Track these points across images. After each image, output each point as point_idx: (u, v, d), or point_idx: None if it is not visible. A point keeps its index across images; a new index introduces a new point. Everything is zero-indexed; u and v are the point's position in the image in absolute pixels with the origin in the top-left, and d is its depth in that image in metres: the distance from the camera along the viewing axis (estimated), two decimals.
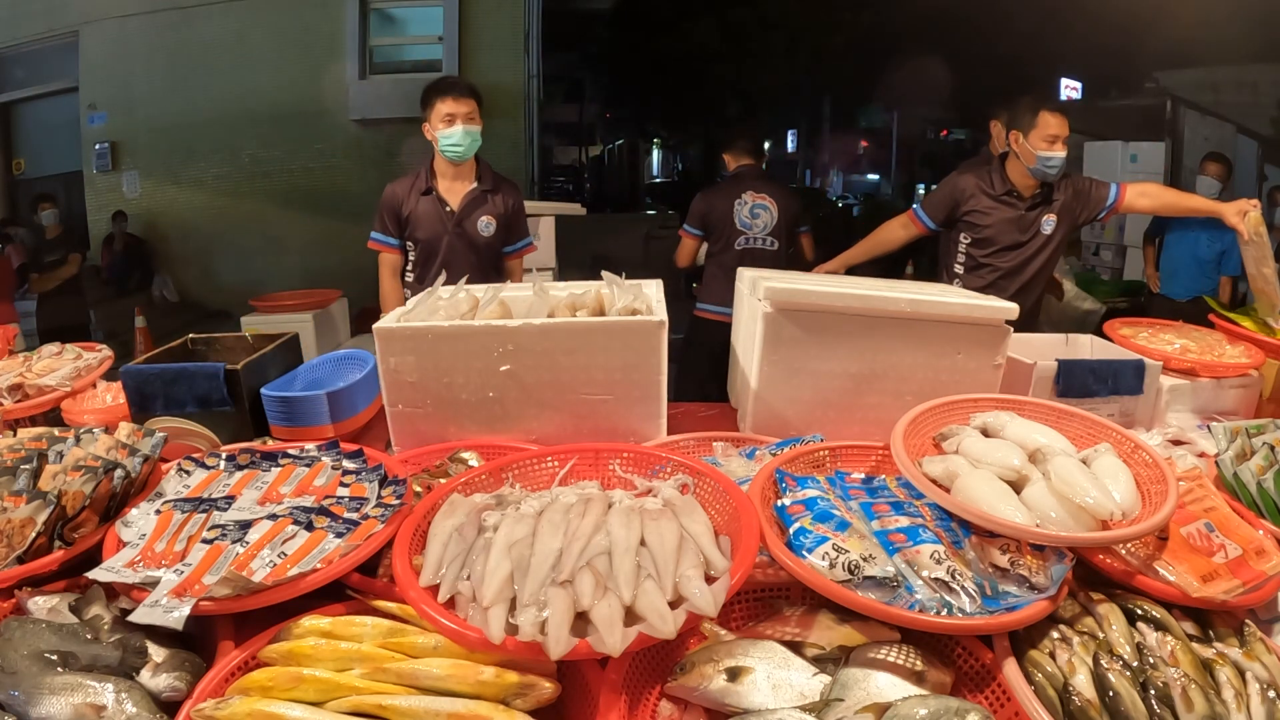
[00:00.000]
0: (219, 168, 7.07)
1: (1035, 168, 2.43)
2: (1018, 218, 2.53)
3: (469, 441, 1.52)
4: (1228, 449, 1.42)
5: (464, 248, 2.51)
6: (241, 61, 6.78)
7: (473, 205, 2.52)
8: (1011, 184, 2.53)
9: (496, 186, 2.58)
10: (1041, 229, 2.55)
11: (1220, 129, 6.66)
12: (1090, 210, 2.56)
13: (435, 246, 2.52)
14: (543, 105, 7.09)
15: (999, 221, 2.54)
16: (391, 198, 2.53)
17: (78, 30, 6.98)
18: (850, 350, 1.55)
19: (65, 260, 5.09)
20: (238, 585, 0.96)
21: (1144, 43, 6.57)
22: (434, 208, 2.51)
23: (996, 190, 2.54)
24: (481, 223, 2.52)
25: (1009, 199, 2.53)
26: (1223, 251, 4.37)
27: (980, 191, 2.56)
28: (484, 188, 2.55)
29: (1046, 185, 2.52)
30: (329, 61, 6.72)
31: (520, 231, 2.65)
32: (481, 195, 2.54)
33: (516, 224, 2.63)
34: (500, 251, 2.63)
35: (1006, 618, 0.94)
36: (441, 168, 2.52)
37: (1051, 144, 2.38)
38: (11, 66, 7.43)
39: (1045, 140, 2.38)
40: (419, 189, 2.53)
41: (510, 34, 6.80)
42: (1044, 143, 2.38)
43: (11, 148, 7.83)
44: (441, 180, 2.52)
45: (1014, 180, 2.53)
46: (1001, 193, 2.54)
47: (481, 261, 2.53)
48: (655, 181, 17.33)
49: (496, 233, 2.55)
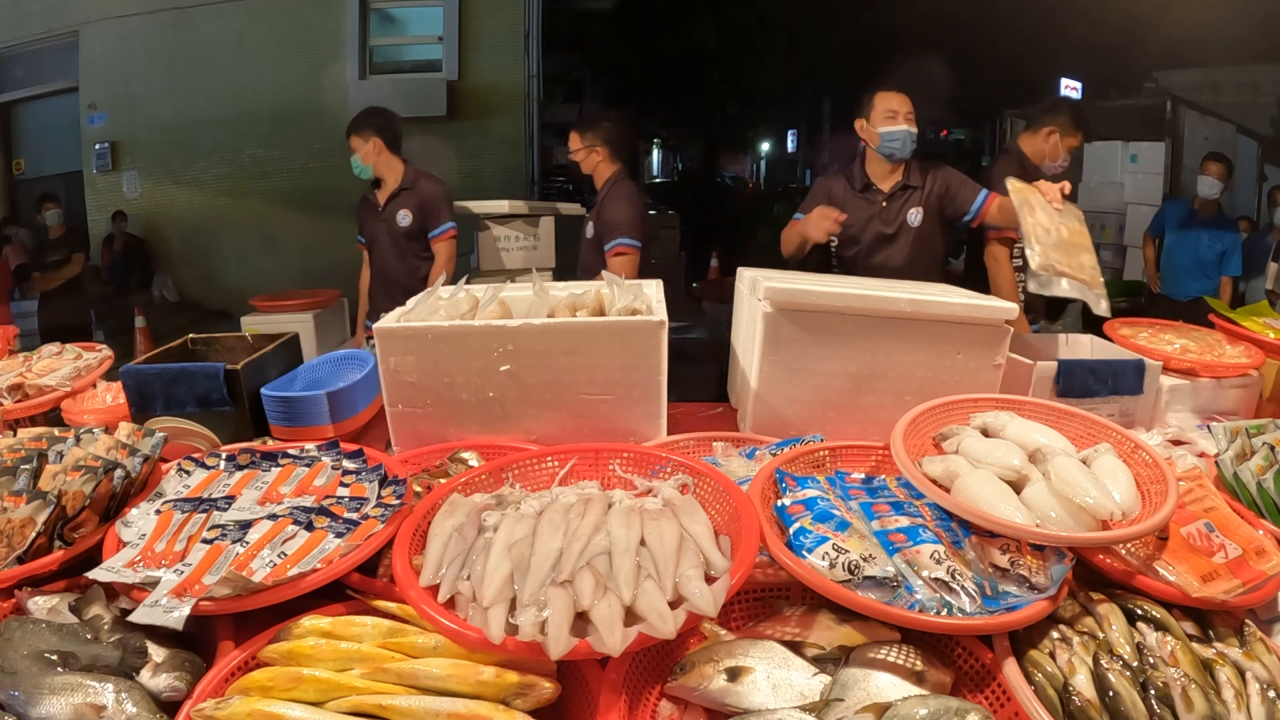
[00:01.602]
0: (219, 168, 7.06)
1: (880, 147, 2.38)
2: (878, 211, 2.47)
3: (469, 441, 1.52)
4: (1228, 449, 1.42)
5: (388, 239, 3.06)
6: (241, 61, 6.77)
7: (393, 203, 3.05)
8: (869, 178, 2.48)
9: (414, 184, 3.05)
10: (908, 221, 2.46)
11: (1220, 129, 6.66)
12: (955, 208, 2.48)
13: (374, 241, 3.13)
14: (543, 105, 7.08)
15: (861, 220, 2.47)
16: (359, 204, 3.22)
17: (78, 30, 6.97)
18: (850, 350, 1.55)
19: (68, 260, 5.11)
20: (238, 585, 0.96)
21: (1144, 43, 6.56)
22: (371, 209, 3.13)
23: (856, 186, 2.49)
24: (399, 215, 3.03)
25: (867, 194, 2.48)
26: (1223, 252, 4.38)
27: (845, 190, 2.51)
28: (404, 186, 3.05)
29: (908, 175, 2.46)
30: (329, 61, 6.71)
31: (438, 218, 3.05)
32: (400, 193, 3.05)
33: (432, 212, 3.04)
34: (424, 239, 3.07)
35: (1006, 618, 0.94)
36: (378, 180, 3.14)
37: (892, 119, 2.35)
38: (11, 66, 7.41)
39: (885, 117, 2.35)
40: (367, 194, 3.17)
41: (510, 34, 6.79)
42: (884, 120, 2.35)
43: (11, 148, 7.82)
44: (378, 188, 3.12)
45: (871, 173, 2.48)
46: (860, 188, 2.49)
47: (405, 249, 3.07)
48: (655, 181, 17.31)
49: (413, 222, 3.03)
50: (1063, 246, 1.82)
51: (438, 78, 6.73)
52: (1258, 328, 2.00)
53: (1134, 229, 6.30)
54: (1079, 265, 1.80)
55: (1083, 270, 1.79)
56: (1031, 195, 1.92)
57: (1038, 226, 1.83)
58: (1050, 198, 1.92)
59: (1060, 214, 1.90)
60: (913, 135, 2.38)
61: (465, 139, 6.72)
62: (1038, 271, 1.78)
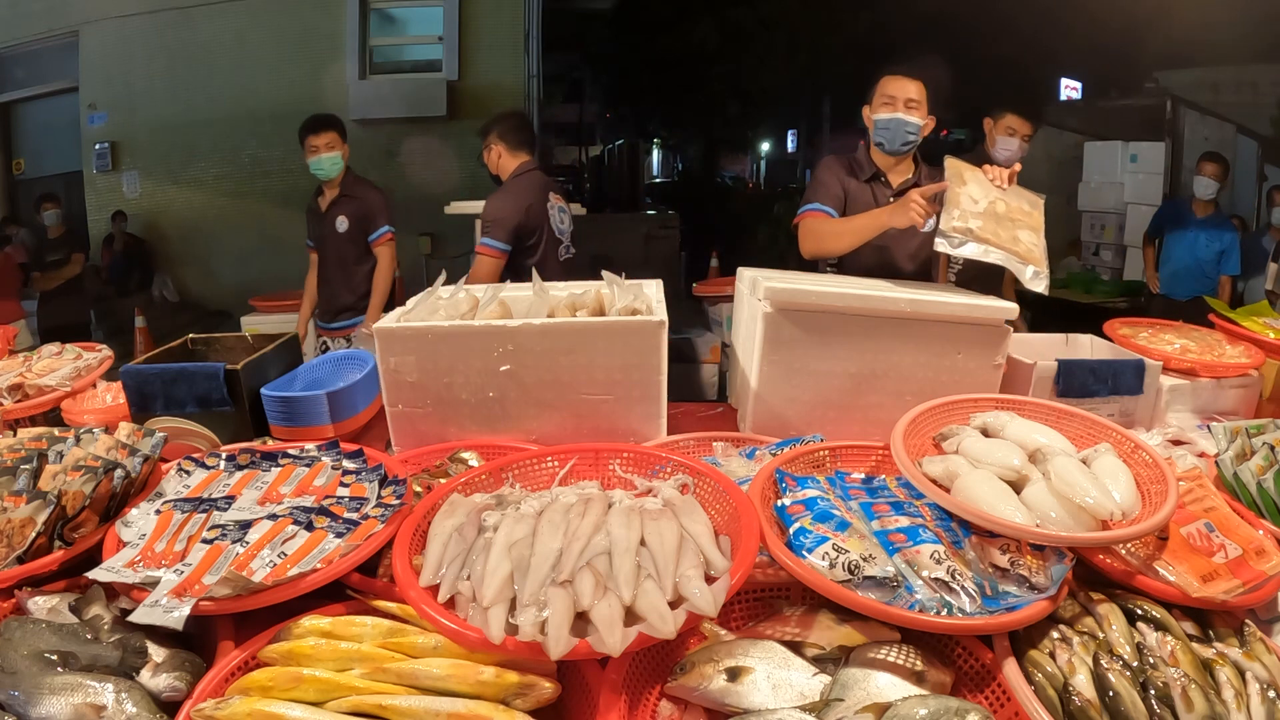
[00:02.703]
0: (219, 168, 7.07)
1: (874, 135, 2.14)
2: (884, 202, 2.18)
3: (469, 441, 1.52)
4: (1228, 449, 1.42)
5: (330, 244, 3.20)
6: (241, 61, 6.77)
7: (333, 209, 3.17)
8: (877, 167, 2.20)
9: (353, 192, 3.17)
10: None
11: (1220, 129, 6.66)
12: None
13: (319, 245, 3.27)
14: (543, 105, 7.09)
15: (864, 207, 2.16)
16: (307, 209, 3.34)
17: (78, 30, 6.97)
18: (850, 350, 1.55)
19: (68, 260, 5.11)
20: (238, 585, 0.96)
21: (1144, 43, 6.57)
22: (315, 215, 3.26)
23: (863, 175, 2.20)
24: (338, 221, 3.16)
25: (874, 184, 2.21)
26: (1221, 251, 4.38)
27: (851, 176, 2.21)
28: (344, 193, 3.16)
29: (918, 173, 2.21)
30: (329, 61, 6.71)
31: (376, 223, 3.17)
32: (340, 200, 3.16)
33: (370, 217, 3.16)
34: (364, 243, 3.18)
35: (1006, 618, 0.94)
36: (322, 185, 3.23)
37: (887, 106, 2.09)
38: (11, 66, 7.42)
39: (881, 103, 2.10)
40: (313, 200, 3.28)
41: (510, 34, 6.79)
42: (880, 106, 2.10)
43: (11, 148, 7.83)
44: (323, 192, 3.24)
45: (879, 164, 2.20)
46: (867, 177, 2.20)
47: (346, 253, 3.19)
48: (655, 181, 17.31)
49: (351, 228, 3.15)
50: (994, 218, 1.78)
51: (438, 78, 6.73)
52: (1258, 328, 2.00)
53: (1134, 229, 6.30)
54: (1011, 239, 1.76)
55: (1016, 244, 1.75)
56: (967, 171, 1.89)
57: (963, 195, 1.80)
58: (992, 176, 1.87)
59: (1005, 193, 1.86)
60: (908, 124, 2.07)
61: (465, 139, 6.70)
62: (947, 232, 1.72)
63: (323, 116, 3.15)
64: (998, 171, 1.88)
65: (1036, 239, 1.80)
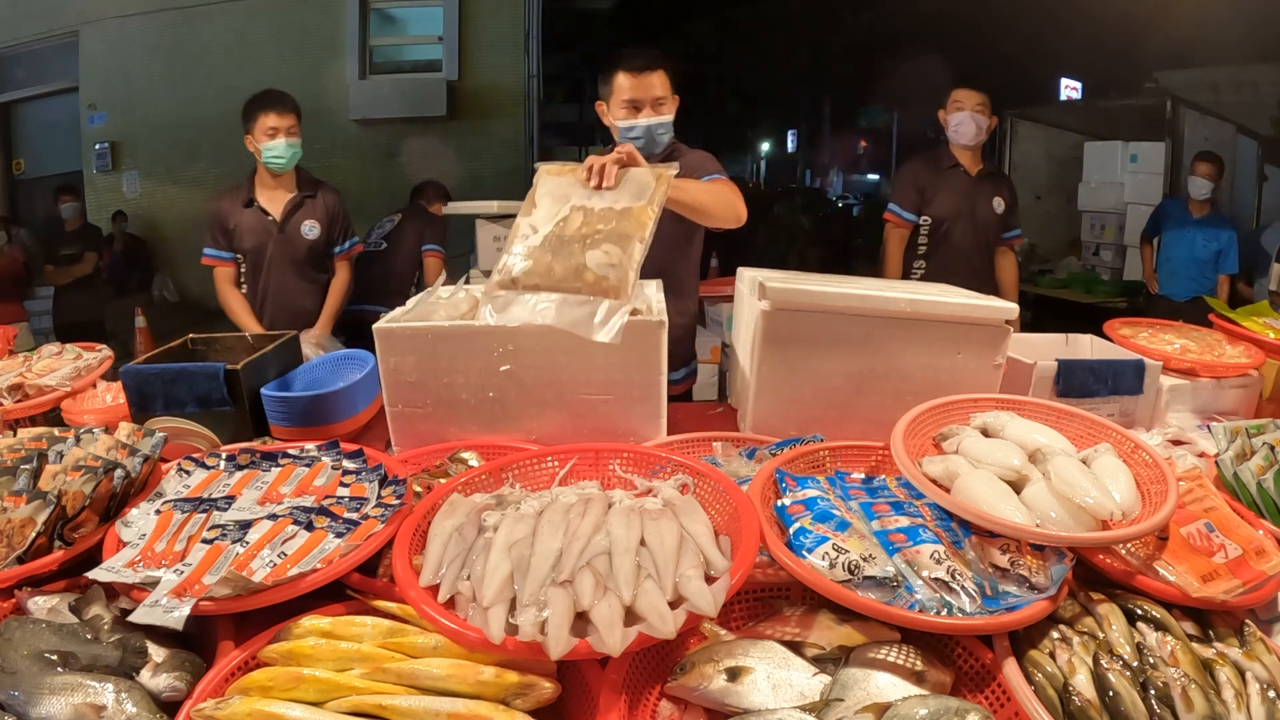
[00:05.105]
0: (219, 168, 7.04)
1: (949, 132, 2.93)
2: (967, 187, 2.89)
3: (469, 441, 1.52)
4: (1228, 449, 1.42)
5: (288, 254, 2.68)
6: (241, 61, 6.76)
7: (294, 211, 2.69)
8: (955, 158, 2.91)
9: (316, 191, 2.75)
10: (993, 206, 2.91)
11: (1220, 129, 6.65)
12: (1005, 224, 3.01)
13: (261, 255, 2.68)
14: (543, 105, 7.08)
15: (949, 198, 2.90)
16: (217, 212, 2.70)
17: (78, 30, 6.97)
18: (850, 350, 1.55)
19: (81, 258, 5.10)
20: (238, 585, 0.96)
21: (1144, 43, 6.56)
22: (257, 218, 2.66)
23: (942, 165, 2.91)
24: (305, 226, 2.69)
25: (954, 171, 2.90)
26: (1219, 250, 4.39)
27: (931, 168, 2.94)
28: (305, 194, 2.71)
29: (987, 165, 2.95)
30: (329, 61, 6.71)
31: (347, 232, 2.83)
32: (302, 200, 2.70)
33: (341, 225, 2.79)
34: (326, 254, 2.79)
35: (1006, 618, 0.94)
36: (263, 179, 2.68)
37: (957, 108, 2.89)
38: (11, 66, 7.42)
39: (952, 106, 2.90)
40: (241, 201, 2.67)
41: (510, 34, 6.79)
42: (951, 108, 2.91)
43: (11, 148, 7.82)
44: (262, 191, 2.68)
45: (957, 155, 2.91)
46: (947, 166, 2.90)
47: (306, 265, 2.72)
48: None
49: (320, 235, 2.72)
50: (556, 245, 1.34)
51: (438, 78, 6.73)
52: (1258, 328, 2.00)
53: (1134, 229, 6.28)
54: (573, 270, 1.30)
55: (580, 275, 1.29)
56: (554, 179, 1.51)
57: (523, 226, 1.42)
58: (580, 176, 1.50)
59: (603, 193, 1.46)
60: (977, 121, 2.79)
61: (465, 139, 6.72)
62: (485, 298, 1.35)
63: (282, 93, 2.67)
64: (598, 161, 1.50)
65: (623, 251, 1.33)
